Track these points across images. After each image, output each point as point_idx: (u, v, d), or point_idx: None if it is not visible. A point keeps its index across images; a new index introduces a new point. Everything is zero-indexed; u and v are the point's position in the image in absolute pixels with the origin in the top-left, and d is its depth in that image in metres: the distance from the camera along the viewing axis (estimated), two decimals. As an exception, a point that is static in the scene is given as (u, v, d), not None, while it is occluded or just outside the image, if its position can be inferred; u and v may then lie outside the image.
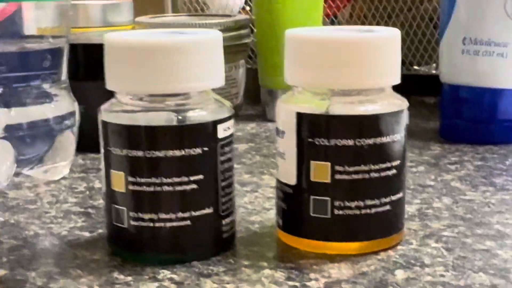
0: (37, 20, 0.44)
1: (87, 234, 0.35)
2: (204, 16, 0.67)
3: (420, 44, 0.65)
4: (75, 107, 0.45)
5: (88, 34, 0.55)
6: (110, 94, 0.32)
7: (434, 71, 0.65)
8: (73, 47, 0.49)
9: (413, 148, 0.50)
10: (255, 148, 0.51)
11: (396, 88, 0.33)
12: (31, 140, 0.42)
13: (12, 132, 0.41)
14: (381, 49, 0.31)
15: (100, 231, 0.35)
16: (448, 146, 0.50)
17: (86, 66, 0.51)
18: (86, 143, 0.47)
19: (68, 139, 0.44)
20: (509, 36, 0.49)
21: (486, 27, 0.50)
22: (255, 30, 0.62)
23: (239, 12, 0.73)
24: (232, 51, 0.61)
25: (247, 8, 0.73)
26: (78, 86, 0.47)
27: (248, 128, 0.57)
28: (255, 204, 0.39)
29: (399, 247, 0.33)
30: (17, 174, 0.44)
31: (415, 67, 0.66)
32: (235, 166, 0.46)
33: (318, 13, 0.59)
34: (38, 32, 0.43)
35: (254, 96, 0.64)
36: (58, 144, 0.44)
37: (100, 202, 0.39)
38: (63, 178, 0.44)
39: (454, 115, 0.52)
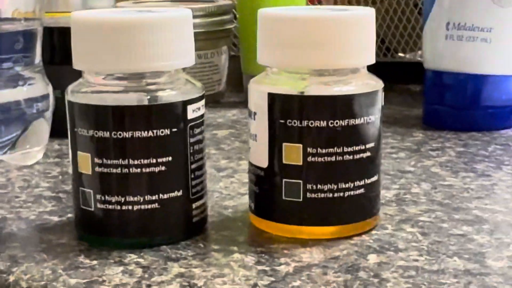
0: (12, 3, 0.43)
1: (56, 218, 0.34)
2: (186, 1, 0.66)
3: (404, 31, 0.64)
4: (49, 90, 0.44)
5: (66, 18, 0.54)
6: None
7: (419, 58, 0.65)
8: (51, 31, 0.48)
9: (395, 134, 0.49)
10: (235, 134, 0.50)
11: (380, 75, 0.32)
12: (3, 123, 0.41)
13: (-16, 116, 0.40)
14: (355, 28, 0.30)
15: (69, 215, 0.35)
16: (430, 132, 0.50)
17: (64, 50, 0.50)
18: (63, 128, 0.46)
19: (42, 124, 0.43)
20: (493, 21, 0.49)
21: (470, 12, 0.49)
22: (238, 16, 0.62)
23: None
24: (214, 37, 0.60)
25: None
26: (55, 70, 0.46)
27: (230, 115, 0.56)
28: (230, 189, 0.38)
29: (373, 231, 0.32)
30: (-11, 159, 0.43)
31: (400, 54, 0.65)
32: (213, 152, 0.45)
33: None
34: (12, 15, 0.43)
35: (238, 83, 0.63)
36: (32, 128, 0.43)
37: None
38: (37, 163, 0.43)
39: (438, 101, 0.51)
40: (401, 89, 0.64)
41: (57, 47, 0.50)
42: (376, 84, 0.31)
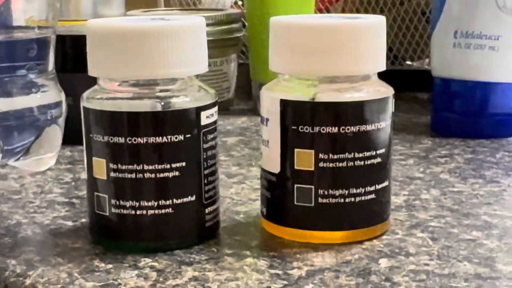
0: (25, 10, 0.43)
1: (70, 223, 0.35)
2: (196, 10, 0.67)
3: (412, 39, 0.64)
4: (62, 97, 0.44)
5: (78, 26, 0.55)
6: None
7: (426, 66, 0.65)
8: (63, 39, 0.49)
9: (404, 141, 0.50)
10: (245, 141, 0.51)
11: (388, 83, 0.32)
12: (17, 130, 0.42)
13: (-2, 122, 0.41)
14: (367, 35, 0.31)
15: (83, 220, 0.35)
16: (439, 139, 0.50)
17: (75, 58, 0.51)
18: (74, 135, 0.47)
19: (55, 131, 0.44)
20: (500, 29, 0.49)
21: (478, 20, 0.49)
22: (247, 24, 0.62)
23: (231, 6, 0.73)
24: (223, 45, 0.60)
25: (239, 2, 0.73)
26: (67, 78, 0.47)
27: (239, 122, 0.57)
28: (241, 195, 0.38)
29: (384, 236, 0.32)
30: (2, 166, 0.43)
31: (408, 62, 0.66)
32: (224, 158, 0.46)
33: (310, 7, 0.59)
34: (25, 23, 0.43)
35: (247, 91, 0.64)
36: (45, 135, 0.43)
37: (85, 192, 0.39)
38: (49, 169, 0.44)
39: (446, 108, 0.52)
40: (409, 97, 0.64)
41: (69, 55, 0.50)
42: (387, 90, 0.32)
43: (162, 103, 0.30)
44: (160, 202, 0.30)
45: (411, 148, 0.48)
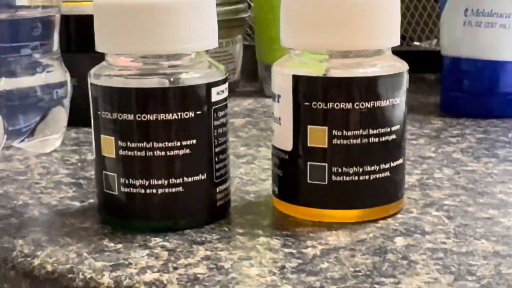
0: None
1: (77, 203, 0.34)
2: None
3: (420, 19, 0.64)
4: (67, 78, 0.44)
5: (81, 7, 0.54)
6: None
7: (435, 47, 0.64)
8: (66, 20, 0.48)
9: (413, 121, 0.49)
10: (252, 122, 0.50)
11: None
12: (21, 110, 0.41)
13: (2, 102, 0.40)
14: (380, 9, 0.30)
15: (91, 201, 0.34)
16: (449, 119, 0.49)
17: (79, 38, 0.50)
18: (79, 116, 0.46)
19: (60, 111, 0.43)
20: (511, 7, 0.48)
21: (488, -2, 0.49)
22: (252, 5, 0.61)
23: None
24: (229, 26, 0.60)
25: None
26: (71, 58, 0.46)
27: (245, 104, 0.56)
28: (250, 175, 0.38)
29: (399, 215, 0.32)
30: (7, 147, 0.43)
31: (416, 43, 0.65)
32: (232, 139, 0.45)
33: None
34: (29, 3, 0.42)
35: (252, 73, 0.63)
36: (50, 116, 0.43)
37: (92, 173, 0.38)
38: (55, 150, 0.43)
39: (455, 88, 0.51)
40: (417, 77, 0.63)
41: (72, 35, 0.49)
42: (401, 66, 0.31)
43: (171, 79, 0.30)
44: (170, 180, 0.30)
45: (421, 128, 0.47)
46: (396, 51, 0.32)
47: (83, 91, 0.35)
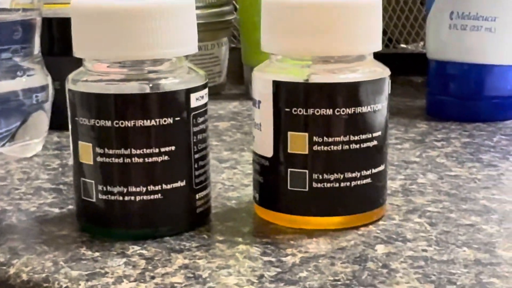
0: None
1: (56, 210, 0.34)
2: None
3: (407, 21, 0.63)
4: (48, 81, 0.43)
5: (64, 9, 0.54)
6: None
7: (421, 49, 0.64)
8: (49, 22, 0.48)
9: (399, 125, 0.49)
10: (237, 126, 0.50)
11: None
12: (2, 115, 0.41)
13: (-18, 107, 0.40)
14: (361, 14, 0.30)
15: (70, 207, 0.34)
16: (434, 123, 0.49)
17: (62, 41, 0.49)
18: (62, 120, 0.46)
19: (41, 116, 0.43)
20: (497, 10, 0.48)
21: (474, 1, 0.48)
22: (238, 7, 0.61)
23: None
24: (214, 28, 0.59)
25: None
26: (53, 61, 0.45)
27: (231, 107, 0.56)
28: (233, 181, 0.37)
29: (380, 222, 0.31)
30: (-12, 151, 0.42)
31: (402, 45, 0.65)
32: (215, 143, 0.45)
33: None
34: (11, 5, 0.42)
35: (238, 76, 0.63)
36: (31, 120, 0.42)
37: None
38: (36, 155, 0.43)
39: (441, 92, 0.51)
40: (403, 80, 0.63)
41: (55, 38, 0.49)
42: (383, 71, 0.31)
43: (151, 85, 0.29)
44: (149, 187, 0.29)
45: (407, 132, 0.47)
46: (382, 54, 0.32)
47: (66, 95, 0.34)
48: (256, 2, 0.57)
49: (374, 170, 0.31)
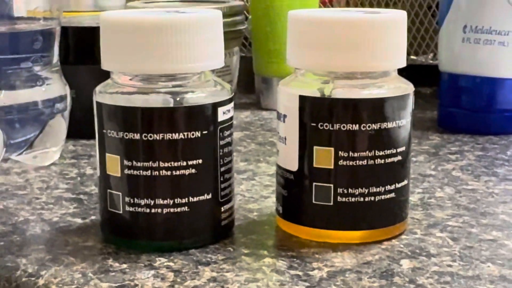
0: (28, 2, 0.42)
1: (79, 220, 0.34)
2: (198, 1, 0.66)
3: (417, 33, 0.64)
4: (67, 91, 0.43)
5: (79, 18, 0.54)
6: (101, 78, 0.31)
7: (431, 61, 0.64)
8: (64, 31, 0.48)
9: (412, 137, 0.49)
10: (250, 136, 0.50)
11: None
12: (21, 124, 0.41)
13: (2, 115, 0.40)
14: (387, 30, 0.30)
15: (93, 217, 0.34)
16: (447, 136, 0.49)
17: (77, 50, 0.50)
18: (77, 128, 0.46)
19: (59, 124, 0.43)
20: (510, 25, 0.48)
21: (487, 15, 0.49)
22: (249, 17, 0.61)
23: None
24: (226, 38, 0.59)
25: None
26: (68, 70, 0.46)
27: (242, 117, 0.56)
28: (252, 192, 0.38)
29: (403, 236, 0.32)
30: (5, 160, 0.42)
31: (412, 57, 0.65)
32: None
33: (314, 1, 0.58)
34: (28, 14, 0.42)
35: (249, 85, 0.63)
36: (49, 129, 0.42)
37: (92, 188, 0.38)
38: (53, 164, 0.43)
39: (453, 104, 0.51)
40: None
41: (70, 47, 0.49)
42: (407, 87, 0.31)
43: (177, 99, 0.30)
44: (175, 200, 0.30)
45: (420, 144, 0.47)
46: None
47: (81, 103, 0.35)
48: (268, 13, 0.58)
49: (398, 185, 0.31)
